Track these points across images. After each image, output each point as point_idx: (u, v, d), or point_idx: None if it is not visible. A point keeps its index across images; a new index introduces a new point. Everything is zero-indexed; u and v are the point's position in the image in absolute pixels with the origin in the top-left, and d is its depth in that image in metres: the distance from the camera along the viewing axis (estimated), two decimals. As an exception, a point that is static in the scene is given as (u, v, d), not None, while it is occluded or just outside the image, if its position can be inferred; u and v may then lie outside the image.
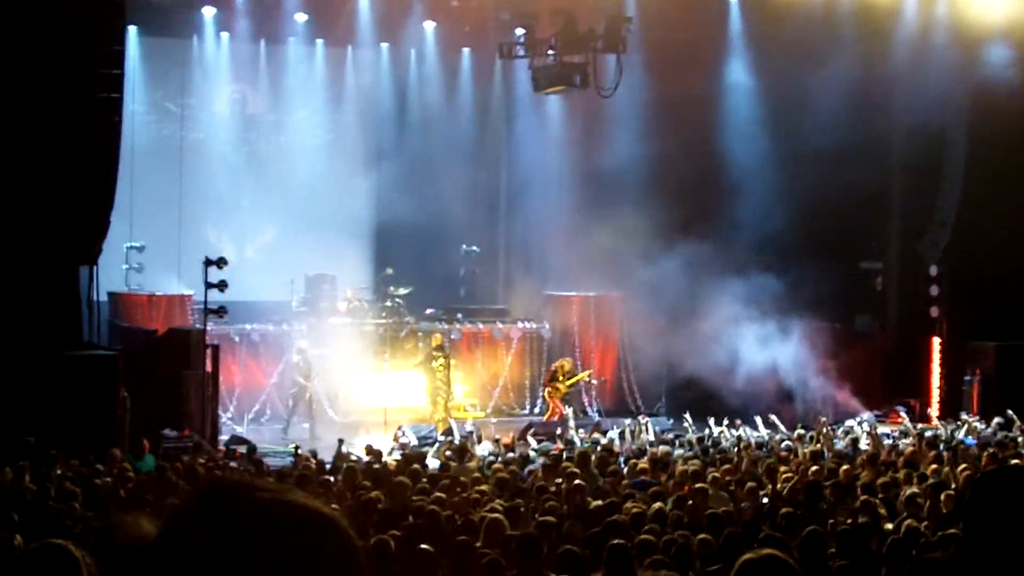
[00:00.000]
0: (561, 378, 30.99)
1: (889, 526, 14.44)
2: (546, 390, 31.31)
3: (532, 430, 27.28)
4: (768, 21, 31.94)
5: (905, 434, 26.33)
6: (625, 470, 20.15)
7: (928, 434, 25.87)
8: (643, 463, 20.44)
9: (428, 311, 32.79)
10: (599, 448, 23.08)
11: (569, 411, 29.06)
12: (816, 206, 32.17)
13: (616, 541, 11.33)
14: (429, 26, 34.61)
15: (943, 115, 32.54)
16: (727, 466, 20.06)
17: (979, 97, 31.99)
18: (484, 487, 17.12)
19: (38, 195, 23.86)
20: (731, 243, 32.15)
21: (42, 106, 23.78)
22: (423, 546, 11.86)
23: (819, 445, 23.30)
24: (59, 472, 17.97)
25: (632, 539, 12.08)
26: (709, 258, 31.21)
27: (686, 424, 27.37)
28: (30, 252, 23.89)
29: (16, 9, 23.54)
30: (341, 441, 23.20)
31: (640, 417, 28.62)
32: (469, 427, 27.18)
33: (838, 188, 31.72)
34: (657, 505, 15.20)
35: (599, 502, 15.53)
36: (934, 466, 19.59)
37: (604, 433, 26.38)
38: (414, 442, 25.57)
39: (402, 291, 32.22)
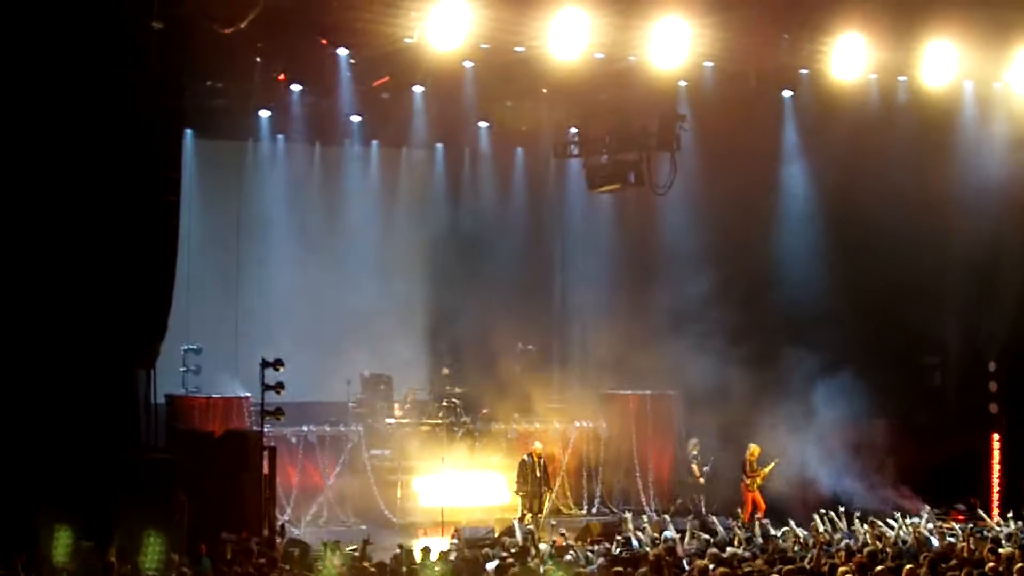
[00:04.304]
0: (756, 467, 30.62)
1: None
2: (743, 483, 30.90)
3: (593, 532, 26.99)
4: (824, 116, 31.68)
5: (967, 532, 25.96)
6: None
7: (989, 533, 25.51)
8: (703, 562, 20.22)
9: (484, 411, 32.63)
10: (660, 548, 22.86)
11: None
12: (873, 302, 32.07)
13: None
14: (483, 126, 34.76)
15: (1000, 208, 32.29)
16: (789, 567, 19.82)
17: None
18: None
19: (96, 297, 23.88)
20: (788, 340, 31.97)
21: (101, 208, 23.83)
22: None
23: (879, 543, 23.05)
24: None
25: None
26: (766, 356, 31.10)
27: (742, 523, 27.11)
28: (88, 355, 23.87)
29: (77, 113, 23.61)
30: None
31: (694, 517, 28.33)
32: (528, 527, 26.92)
33: (895, 283, 31.64)
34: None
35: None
36: (992, 564, 19.28)
37: (662, 532, 26.13)
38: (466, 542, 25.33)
39: (457, 390, 32.15)
